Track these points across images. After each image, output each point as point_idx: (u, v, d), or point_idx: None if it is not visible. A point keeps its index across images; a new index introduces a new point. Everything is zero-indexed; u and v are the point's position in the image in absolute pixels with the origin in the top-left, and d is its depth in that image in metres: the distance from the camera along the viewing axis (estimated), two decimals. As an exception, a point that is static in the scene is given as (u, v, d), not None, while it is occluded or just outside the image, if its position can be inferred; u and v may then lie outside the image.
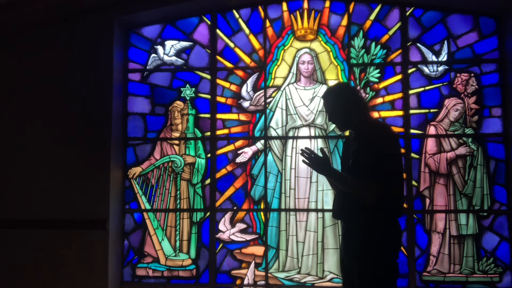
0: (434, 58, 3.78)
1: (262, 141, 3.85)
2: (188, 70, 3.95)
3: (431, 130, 3.74)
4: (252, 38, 3.92)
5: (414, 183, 3.69)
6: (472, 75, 3.74)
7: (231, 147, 3.88)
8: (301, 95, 3.85)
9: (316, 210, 3.74)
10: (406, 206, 3.63)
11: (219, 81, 3.92)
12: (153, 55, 3.98)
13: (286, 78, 3.89)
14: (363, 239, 2.21)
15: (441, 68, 3.78)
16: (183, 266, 3.82)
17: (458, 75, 3.75)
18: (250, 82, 3.89)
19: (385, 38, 3.82)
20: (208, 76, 3.93)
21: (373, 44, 3.82)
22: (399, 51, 3.80)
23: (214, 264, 3.76)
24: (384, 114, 3.76)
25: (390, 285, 2.21)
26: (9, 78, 3.82)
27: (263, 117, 3.86)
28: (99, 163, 3.66)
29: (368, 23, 3.84)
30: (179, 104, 3.93)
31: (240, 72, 3.92)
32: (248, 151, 3.85)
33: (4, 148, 3.76)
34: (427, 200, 3.69)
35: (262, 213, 3.79)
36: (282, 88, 3.88)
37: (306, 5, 3.89)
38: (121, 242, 3.83)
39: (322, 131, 3.81)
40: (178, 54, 3.98)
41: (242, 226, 3.81)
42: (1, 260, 3.68)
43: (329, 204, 3.72)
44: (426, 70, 3.78)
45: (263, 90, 3.87)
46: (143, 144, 3.94)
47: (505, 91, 3.70)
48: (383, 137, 2.24)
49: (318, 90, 3.84)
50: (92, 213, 3.62)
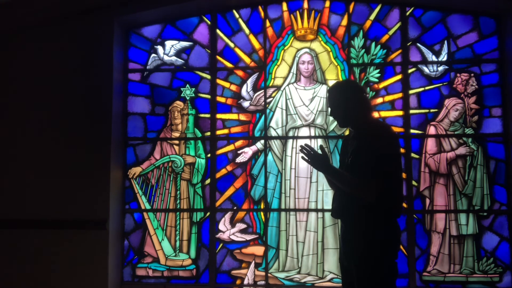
0: (434, 58, 3.78)
1: (262, 141, 3.85)
2: (188, 70, 3.95)
3: (431, 130, 3.74)
4: (252, 38, 3.92)
5: (414, 183, 3.69)
6: (472, 75, 3.73)
7: (231, 147, 3.88)
8: (301, 95, 3.85)
9: (316, 210, 3.74)
10: (406, 206, 3.63)
11: (219, 81, 3.92)
12: (153, 55, 3.99)
13: (286, 78, 3.89)
14: (362, 239, 2.20)
15: (441, 68, 3.78)
16: (183, 266, 3.82)
17: (458, 75, 3.75)
18: (250, 82, 3.89)
19: (385, 38, 3.82)
20: (208, 76, 3.93)
21: (373, 44, 3.81)
22: (399, 51, 3.80)
23: (214, 264, 3.76)
24: (384, 114, 3.76)
25: (389, 285, 2.21)
26: (9, 78, 3.82)
27: (263, 117, 3.86)
28: (99, 163, 3.66)
29: (368, 23, 3.84)
30: (179, 104, 3.93)
31: (240, 72, 3.92)
32: (248, 151, 3.85)
33: (4, 148, 3.76)
34: (427, 200, 3.69)
35: (262, 213, 3.79)
36: (282, 88, 3.88)
37: (306, 5, 3.89)
38: (121, 242, 3.83)
39: (322, 131, 3.81)
40: (178, 54, 3.98)
41: (242, 226, 3.81)
42: (0, 260, 3.67)
43: (329, 204, 3.71)
44: (426, 70, 3.78)
45: (263, 90, 3.87)
46: (143, 144, 3.94)
47: (505, 91, 3.70)
48: (383, 136, 2.24)
49: (318, 90, 3.84)
50: (92, 213, 3.62)
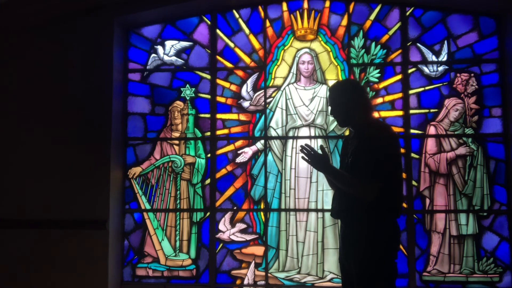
0: (434, 58, 3.78)
1: (262, 141, 3.85)
2: (188, 70, 3.95)
3: (431, 130, 3.74)
4: (252, 38, 3.92)
5: (414, 183, 3.69)
6: (472, 75, 3.73)
7: (231, 147, 3.88)
8: (301, 95, 3.85)
9: (316, 210, 3.74)
10: (406, 206, 3.63)
11: (219, 81, 3.92)
12: (153, 55, 3.98)
13: (286, 78, 3.89)
14: (362, 239, 2.20)
15: (441, 68, 3.78)
16: (183, 266, 3.82)
17: (458, 75, 3.74)
18: (250, 82, 3.89)
19: (385, 38, 3.82)
20: (208, 76, 3.93)
21: (373, 44, 3.81)
22: (399, 51, 3.79)
23: (214, 264, 3.76)
24: (384, 114, 3.76)
25: (389, 285, 2.21)
26: (8, 78, 3.82)
27: (263, 117, 3.86)
28: (99, 163, 3.66)
29: (368, 23, 3.84)
30: (179, 104, 3.93)
31: (240, 72, 3.92)
32: (248, 151, 3.85)
33: (4, 148, 3.76)
34: (427, 200, 3.69)
35: (262, 213, 3.79)
36: (282, 88, 3.88)
37: (306, 5, 3.89)
38: (121, 242, 3.83)
39: (322, 131, 3.81)
40: (178, 54, 3.98)
41: (242, 226, 3.81)
42: (1, 260, 3.67)
43: (329, 204, 3.71)
44: (426, 70, 3.78)
45: (263, 90, 3.87)
46: (143, 144, 3.94)
47: (505, 91, 3.70)
48: (383, 136, 2.24)
49: (318, 90, 3.84)
50: (92, 213, 3.62)
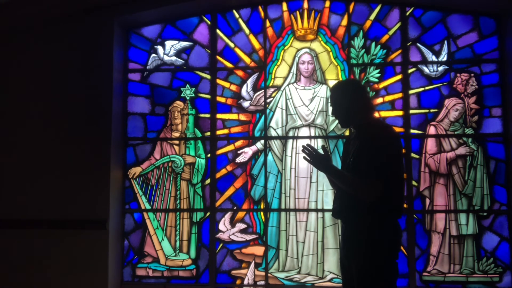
0: (434, 58, 3.78)
1: (262, 141, 3.85)
2: (188, 70, 3.95)
3: (431, 130, 3.74)
4: (252, 38, 3.92)
5: (414, 183, 3.69)
6: (472, 75, 3.73)
7: (231, 147, 3.88)
8: (301, 95, 3.85)
9: (316, 210, 3.74)
10: (406, 206, 3.63)
11: (219, 81, 3.92)
12: (153, 55, 3.98)
13: (286, 78, 3.89)
14: (363, 239, 2.20)
15: (441, 68, 3.78)
16: (183, 266, 3.82)
17: (458, 75, 3.74)
18: (250, 82, 3.89)
19: (385, 38, 3.82)
20: (208, 76, 3.93)
21: (373, 44, 3.81)
22: (399, 51, 3.79)
23: (214, 264, 3.76)
24: (384, 114, 3.76)
25: (390, 285, 2.21)
26: (9, 78, 3.82)
27: (263, 117, 3.86)
28: (99, 163, 3.66)
29: (368, 23, 3.84)
30: (179, 104, 3.93)
31: (240, 72, 3.92)
32: (248, 151, 3.85)
33: (4, 148, 3.76)
34: (427, 200, 3.69)
35: (262, 213, 3.79)
36: (282, 88, 3.88)
37: (306, 5, 3.89)
38: (121, 242, 3.83)
39: (322, 131, 3.81)
40: (178, 54, 3.98)
41: (242, 226, 3.81)
42: (1, 260, 3.67)
43: (329, 204, 3.71)
44: (426, 70, 3.78)
45: (263, 90, 3.87)
46: (143, 144, 3.94)
47: (505, 91, 3.70)
48: (384, 137, 2.24)
49: (318, 90, 3.84)
50: (92, 213, 3.62)
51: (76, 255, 3.60)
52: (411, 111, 3.75)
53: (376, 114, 3.71)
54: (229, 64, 3.92)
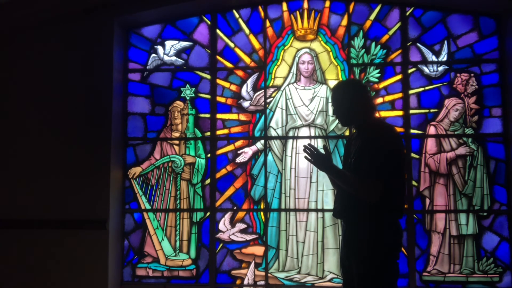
0: (434, 58, 3.78)
1: (262, 141, 3.85)
2: (188, 70, 3.95)
3: (431, 130, 3.74)
4: (252, 38, 3.92)
5: (414, 183, 3.69)
6: (472, 75, 3.73)
7: (231, 147, 3.88)
8: (301, 95, 3.85)
9: (316, 210, 3.74)
10: (406, 206, 3.63)
11: (219, 81, 3.92)
12: (153, 55, 3.98)
13: (286, 78, 3.89)
14: (364, 239, 2.20)
15: (441, 68, 3.78)
16: (183, 266, 3.82)
17: (458, 75, 3.75)
18: (250, 82, 3.89)
19: (385, 38, 3.82)
20: (208, 76, 3.93)
21: (373, 44, 3.81)
22: (399, 51, 3.80)
23: (214, 264, 3.76)
24: (384, 114, 3.76)
25: (391, 285, 2.21)
26: (9, 78, 3.81)
27: (263, 117, 3.86)
28: (99, 163, 3.66)
29: (368, 23, 3.84)
30: (179, 104, 3.93)
31: (240, 72, 3.92)
32: (248, 151, 3.85)
33: (4, 148, 3.76)
34: (427, 200, 3.69)
35: (262, 213, 3.79)
36: (282, 88, 3.88)
37: (306, 5, 3.89)
38: (121, 242, 3.83)
39: (322, 131, 3.81)
40: (178, 54, 3.98)
41: (242, 226, 3.81)
42: (0, 260, 3.67)
43: (329, 204, 3.72)
44: (426, 70, 3.78)
45: (263, 90, 3.87)
46: (143, 144, 3.94)
47: (505, 91, 3.70)
48: (386, 137, 2.24)
49: (318, 90, 3.84)
50: (92, 213, 3.62)
51: (76, 255, 3.60)
52: (411, 111, 3.75)
53: (376, 114, 3.71)
54: (229, 64, 3.92)
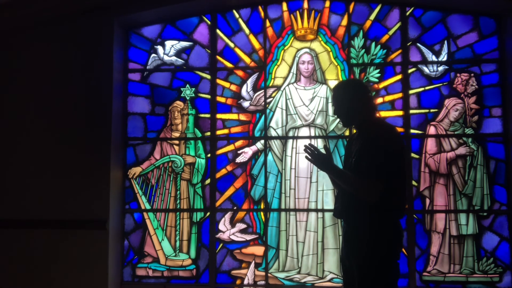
0: (434, 58, 3.78)
1: (262, 141, 3.85)
2: (188, 70, 3.95)
3: (431, 130, 3.74)
4: (252, 38, 3.92)
5: (414, 183, 3.69)
6: (472, 75, 3.73)
7: (231, 147, 3.88)
8: (301, 95, 3.85)
9: (316, 210, 3.74)
10: (406, 206, 3.63)
11: (219, 81, 3.92)
12: (153, 55, 3.98)
13: (286, 78, 3.89)
14: (364, 239, 2.20)
15: (441, 68, 3.78)
16: (183, 266, 3.82)
17: (458, 75, 3.75)
18: (250, 82, 3.89)
19: (385, 38, 3.82)
20: (208, 76, 3.93)
21: (373, 44, 3.81)
22: (399, 51, 3.80)
23: (214, 264, 3.76)
24: (384, 114, 3.76)
25: (391, 285, 2.21)
26: (9, 78, 3.81)
27: (263, 117, 3.86)
28: (99, 163, 3.66)
29: (368, 23, 3.84)
30: (179, 104, 3.93)
31: (240, 72, 3.92)
32: (248, 151, 3.85)
33: (4, 148, 3.76)
34: (427, 200, 3.69)
35: (262, 213, 3.79)
36: (282, 88, 3.88)
37: (306, 5, 3.89)
38: (121, 242, 3.83)
39: (322, 131, 3.81)
40: (178, 54, 3.98)
41: (242, 226, 3.81)
42: (0, 260, 3.67)
43: (329, 204, 3.72)
44: (426, 70, 3.78)
45: (263, 90, 3.87)
46: (143, 144, 3.94)
47: (505, 91, 3.70)
48: (387, 137, 2.24)
49: (318, 90, 3.84)
50: (92, 213, 3.62)
51: (76, 255, 3.60)
52: (411, 111, 3.75)
53: (377, 114, 3.72)
54: (229, 64, 3.92)
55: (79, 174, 3.66)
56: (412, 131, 3.74)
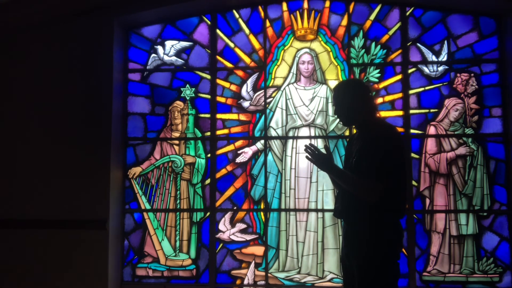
0: (434, 58, 3.78)
1: (262, 141, 3.85)
2: (188, 70, 3.95)
3: (431, 130, 3.74)
4: (252, 38, 3.92)
5: (414, 183, 3.69)
6: (472, 75, 3.74)
7: (231, 147, 3.88)
8: (301, 95, 3.85)
9: (316, 210, 3.74)
10: (406, 206, 3.63)
11: (219, 81, 3.92)
12: (153, 55, 3.99)
13: (286, 78, 3.89)
14: (364, 239, 2.20)
15: (441, 68, 3.78)
16: (183, 266, 3.82)
17: (458, 75, 3.75)
18: (250, 82, 3.89)
19: (385, 38, 3.82)
20: (208, 76, 3.93)
21: (373, 44, 3.81)
22: (399, 51, 3.80)
23: (214, 264, 3.76)
24: (384, 114, 3.76)
25: (391, 285, 2.21)
26: (9, 78, 3.81)
27: (263, 117, 3.86)
28: (99, 163, 3.66)
29: (368, 23, 3.84)
30: (179, 104, 3.93)
31: (240, 72, 3.92)
32: (248, 151, 3.85)
33: (4, 148, 3.76)
34: (427, 200, 3.69)
35: (262, 213, 3.79)
36: (282, 88, 3.88)
37: (306, 5, 3.89)
38: (121, 242, 3.83)
39: (322, 131, 3.81)
40: (178, 54, 3.98)
41: (242, 226, 3.81)
42: (0, 260, 3.67)
43: (329, 204, 3.72)
44: (426, 70, 3.78)
45: (263, 90, 3.87)
46: (143, 144, 3.94)
47: (505, 91, 3.70)
48: (387, 137, 2.23)
49: (318, 90, 3.84)
50: (92, 213, 3.62)
51: (76, 255, 3.60)
52: (411, 111, 3.75)
53: (377, 114, 3.72)
54: (229, 64, 3.92)
55: (79, 174, 3.66)
56: (412, 131, 3.74)
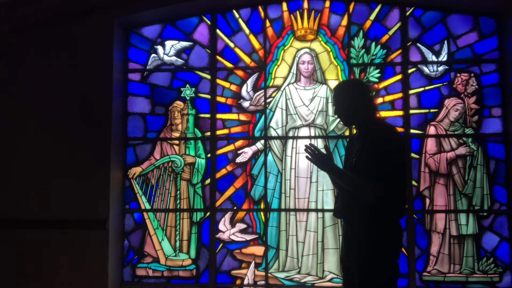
0: (434, 58, 3.78)
1: (262, 141, 3.85)
2: (188, 70, 3.95)
3: (431, 130, 3.74)
4: (252, 38, 3.92)
5: (414, 183, 3.69)
6: (472, 75, 3.74)
7: (231, 147, 3.88)
8: (301, 95, 3.85)
9: (316, 210, 3.74)
10: (406, 206, 3.63)
11: (219, 81, 3.92)
12: (153, 55, 3.99)
13: (286, 78, 3.89)
14: (364, 239, 2.20)
15: (441, 68, 3.78)
16: (183, 266, 3.82)
17: (458, 75, 3.75)
18: (250, 82, 3.89)
19: (385, 38, 3.82)
20: (208, 76, 3.93)
21: (373, 44, 3.81)
22: (399, 51, 3.80)
23: (214, 264, 3.76)
24: (384, 114, 3.76)
25: (391, 285, 2.21)
26: (8, 78, 3.81)
27: (263, 117, 3.86)
28: (99, 163, 3.66)
29: (368, 23, 3.84)
30: (179, 104, 3.93)
31: (240, 72, 3.92)
32: (248, 151, 3.85)
33: (4, 148, 3.76)
34: (427, 200, 3.69)
35: (262, 213, 3.79)
36: (282, 88, 3.88)
37: (306, 5, 3.89)
38: (121, 242, 3.83)
39: (322, 131, 3.81)
40: (178, 54, 3.98)
41: (242, 226, 3.81)
42: (0, 260, 3.67)
43: (329, 204, 3.72)
44: (426, 70, 3.78)
45: (263, 90, 3.88)
46: (143, 144, 3.94)
47: (505, 91, 3.70)
48: (387, 137, 2.24)
49: (318, 90, 3.84)
50: (92, 213, 3.62)
51: (76, 255, 3.60)
52: (411, 111, 3.75)
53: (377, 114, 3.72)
54: (229, 64, 3.92)
55: (79, 174, 3.66)
56: (412, 131, 3.74)
